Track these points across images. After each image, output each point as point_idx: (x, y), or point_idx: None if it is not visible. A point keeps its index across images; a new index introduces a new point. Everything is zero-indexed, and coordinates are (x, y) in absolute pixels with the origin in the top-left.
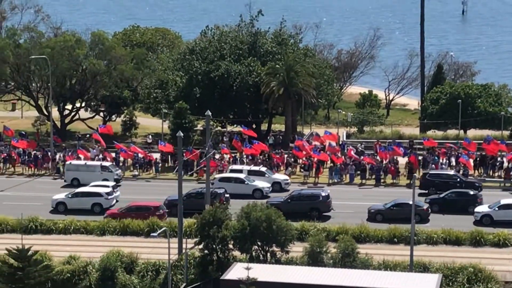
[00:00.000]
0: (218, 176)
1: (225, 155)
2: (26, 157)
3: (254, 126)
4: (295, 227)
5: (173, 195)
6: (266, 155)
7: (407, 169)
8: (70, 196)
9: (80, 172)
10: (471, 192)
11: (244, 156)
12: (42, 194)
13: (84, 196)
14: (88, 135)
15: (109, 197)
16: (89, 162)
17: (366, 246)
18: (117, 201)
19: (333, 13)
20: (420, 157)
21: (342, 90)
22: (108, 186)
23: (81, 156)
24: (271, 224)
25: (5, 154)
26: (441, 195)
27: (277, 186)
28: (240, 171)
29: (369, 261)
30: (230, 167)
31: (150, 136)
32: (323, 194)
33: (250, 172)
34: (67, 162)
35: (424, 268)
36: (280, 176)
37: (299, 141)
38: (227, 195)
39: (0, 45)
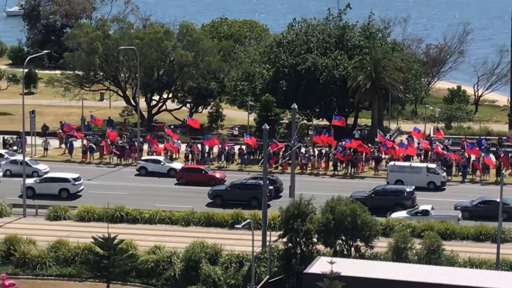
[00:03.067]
0: None
1: (310, 149)
2: (113, 146)
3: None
4: (380, 222)
5: (218, 186)
6: (352, 149)
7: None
8: (38, 181)
9: (404, 174)
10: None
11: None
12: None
13: (52, 182)
14: (172, 126)
15: (76, 182)
16: (414, 164)
17: (451, 243)
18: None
19: (423, 8)
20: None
21: (430, 85)
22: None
23: (167, 147)
24: (355, 219)
25: (91, 143)
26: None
27: None
28: None
29: (455, 259)
30: None
31: (236, 128)
32: (408, 189)
33: None
34: (390, 163)
35: (511, 267)
36: None
37: (381, 136)
38: (271, 187)
39: (90, 36)
